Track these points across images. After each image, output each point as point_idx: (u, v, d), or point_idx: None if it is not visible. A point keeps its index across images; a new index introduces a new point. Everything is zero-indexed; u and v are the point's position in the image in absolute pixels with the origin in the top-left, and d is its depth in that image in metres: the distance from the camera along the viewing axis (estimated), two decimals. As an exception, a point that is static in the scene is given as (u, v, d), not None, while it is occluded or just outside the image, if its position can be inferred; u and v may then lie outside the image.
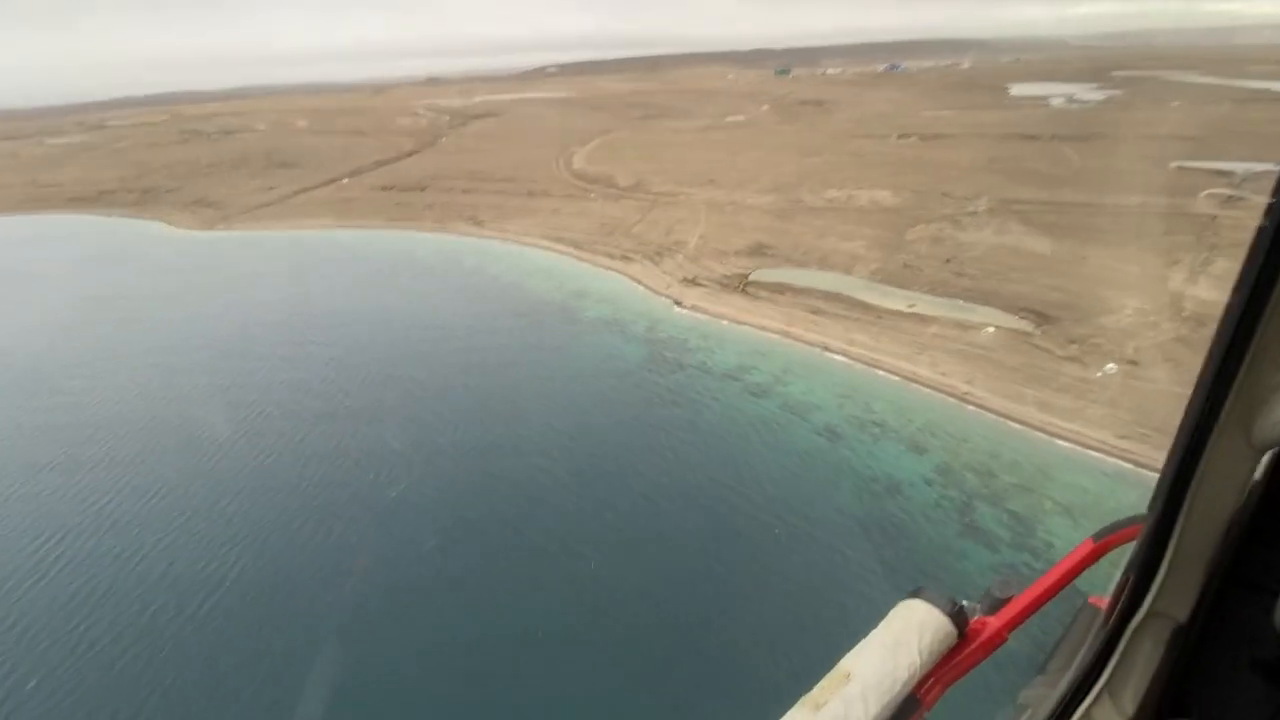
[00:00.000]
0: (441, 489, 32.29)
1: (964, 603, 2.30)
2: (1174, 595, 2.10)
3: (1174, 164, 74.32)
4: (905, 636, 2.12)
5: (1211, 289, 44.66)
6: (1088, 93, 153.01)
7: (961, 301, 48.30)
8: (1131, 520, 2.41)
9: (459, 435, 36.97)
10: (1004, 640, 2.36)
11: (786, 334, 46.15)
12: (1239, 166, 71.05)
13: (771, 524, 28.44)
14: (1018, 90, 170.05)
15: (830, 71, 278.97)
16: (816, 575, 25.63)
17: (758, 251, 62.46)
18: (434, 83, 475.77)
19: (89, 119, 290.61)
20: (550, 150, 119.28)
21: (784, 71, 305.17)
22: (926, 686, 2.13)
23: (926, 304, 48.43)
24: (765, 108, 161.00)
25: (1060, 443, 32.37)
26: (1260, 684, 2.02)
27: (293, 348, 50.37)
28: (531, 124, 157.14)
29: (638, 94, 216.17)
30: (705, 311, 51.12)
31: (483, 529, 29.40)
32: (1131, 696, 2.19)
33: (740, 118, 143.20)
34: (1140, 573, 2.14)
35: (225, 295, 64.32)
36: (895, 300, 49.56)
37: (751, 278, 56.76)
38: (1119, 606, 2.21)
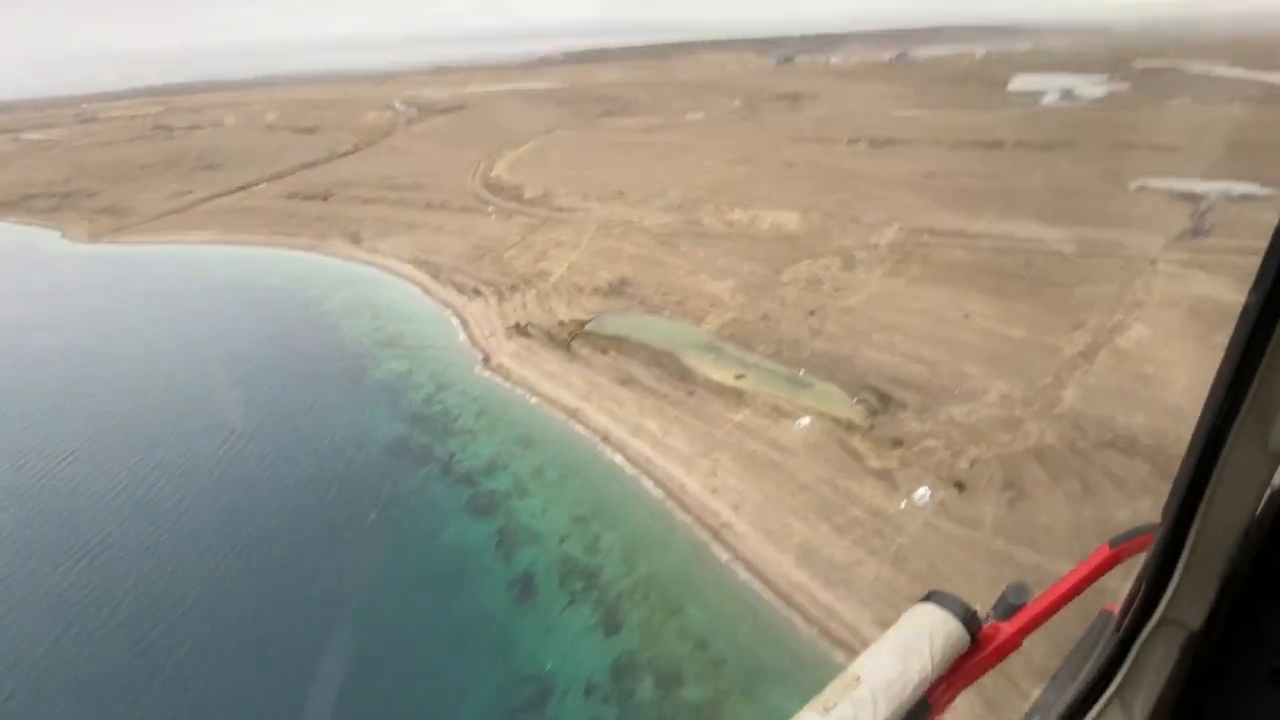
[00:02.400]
0: None
1: (977, 608, 2.20)
2: (1187, 603, 2.05)
3: (1135, 183, 63.13)
4: (917, 641, 2.04)
5: (1110, 370, 34.86)
6: (1091, 86, 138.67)
7: (801, 373, 39.20)
8: (1151, 527, 2.26)
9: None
10: (1017, 646, 2.26)
11: (574, 414, 37.74)
12: (1212, 188, 59.65)
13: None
14: (1018, 83, 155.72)
15: (833, 61, 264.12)
16: None
17: (617, 290, 53.83)
18: (440, 72, 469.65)
19: (86, 111, 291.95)
20: (481, 152, 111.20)
21: (788, 60, 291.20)
22: (938, 691, 2.05)
23: (758, 375, 39.47)
24: (737, 103, 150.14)
25: (800, 626, 23.58)
26: (1278, 695, 1.94)
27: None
28: (485, 121, 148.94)
29: (621, 86, 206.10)
30: (507, 375, 42.93)
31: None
32: (1143, 705, 2.15)
33: (700, 115, 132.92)
34: (1153, 580, 2.10)
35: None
36: (725, 367, 40.70)
37: (589, 327, 48.31)
38: (1131, 614, 2.18)
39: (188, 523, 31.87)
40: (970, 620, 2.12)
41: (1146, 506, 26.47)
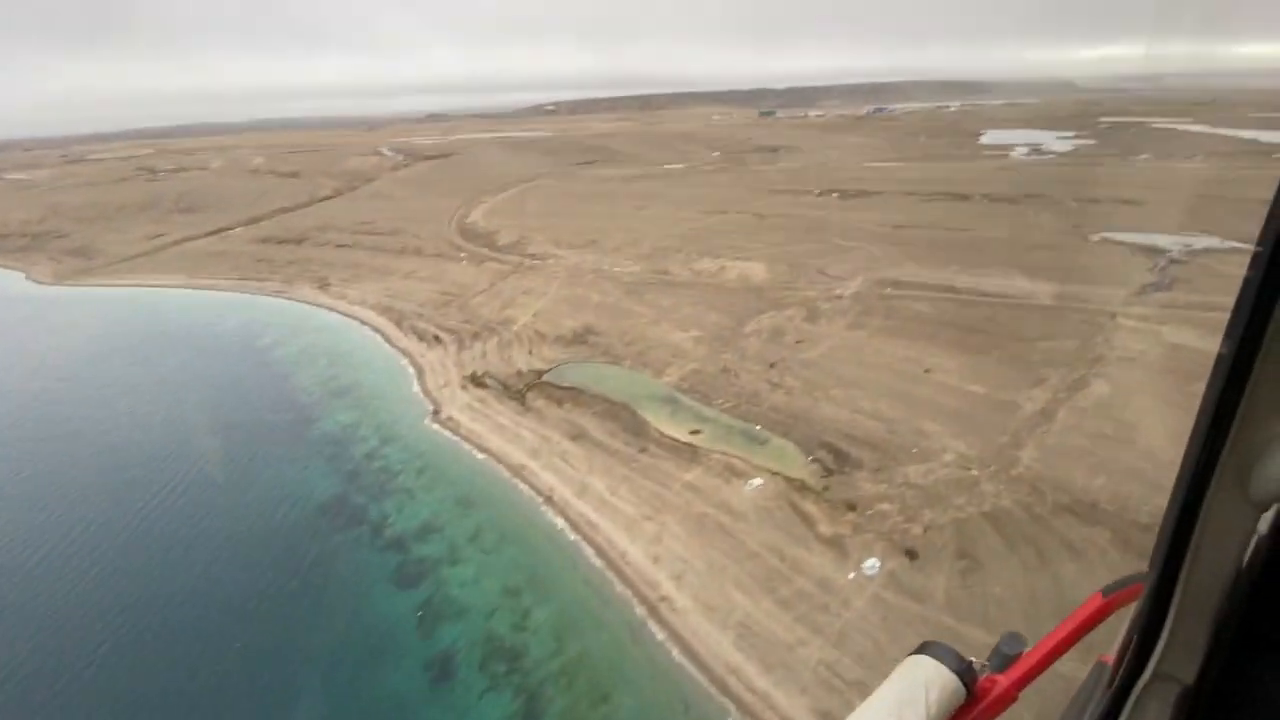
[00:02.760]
0: None
1: (972, 660, 2.15)
2: (1179, 657, 2.03)
3: (1099, 236, 63.87)
4: (912, 694, 1.99)
5: (1070, 429, 33.89)
6: (1058, 142, 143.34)
7: (758, 428, 37.93)
8: (1143, 576, 2.26)
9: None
10: (1014, 699, 2.19)
11: (520, 472, 36.06)
12: (1174, 242, 60.37)
13: None
14: (989, 137, 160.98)
15: (813, 114, 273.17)
16: None
17: (580, 338, 52.83)
18: (433, 119, 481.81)
19: (75, 152, 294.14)
20: (460, 199, 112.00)
21: (769, 113, 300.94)
22: None
23: (714, 431, 38.14)
24: (716, 154, 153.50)
25: (734, 717, 21.61)
26: None
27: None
28: (470, 168, 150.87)
29: (607, 136, 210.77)
30: (455, 429, 41.29)
31: None
32: None
33: (680, 166, 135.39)
34: (1144, 634, 2.08)
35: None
36: (681, 422, 39.38)
37: (547, 377, 47.02)
38: (1124, 668, 2.15)
39: (80, 589, 29.52)
40: (966, 672, 2.07)
41: (1104, 578, 24.98)
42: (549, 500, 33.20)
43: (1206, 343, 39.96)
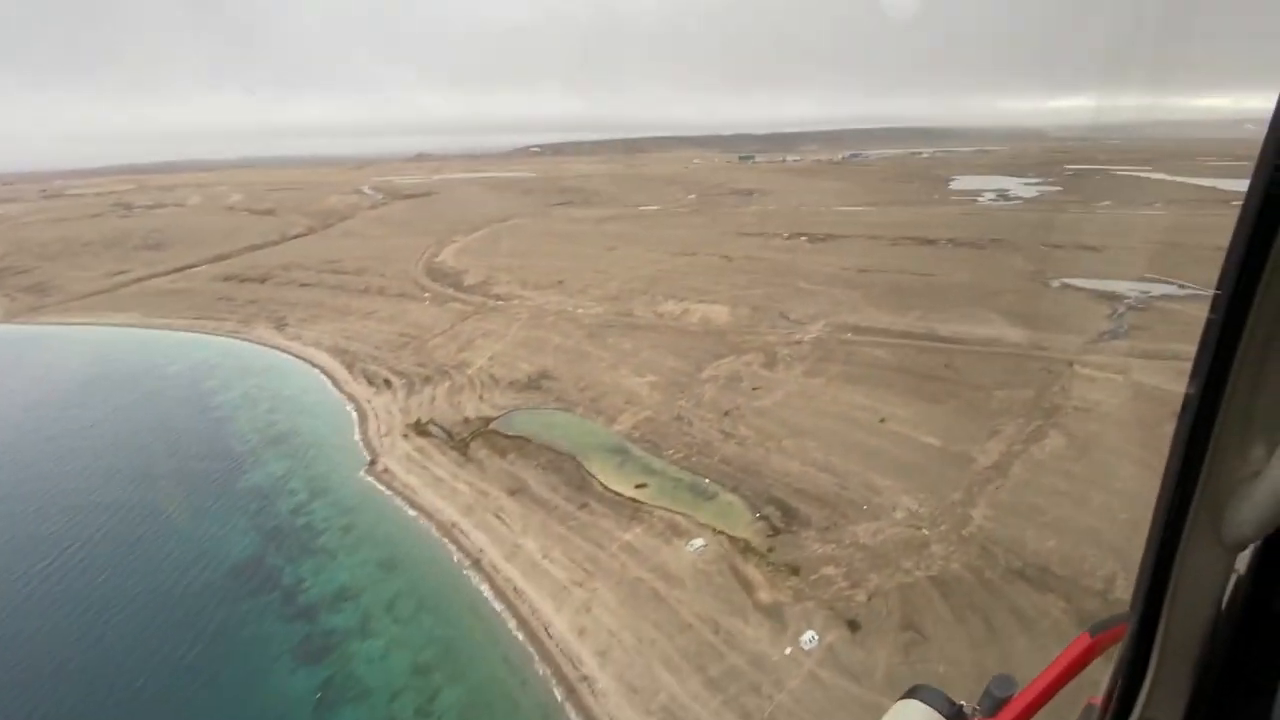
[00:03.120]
0: None
1: (962, 704, 2.21)
2: (1164, 700, 2.04)
3: (1059, 282, 64.10)
4: None
5: (1023, 485, 32.62)
6: (1024, 188, 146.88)
7: (707, 482, 36.27)
8: (1128, 616, 2.24)
9: None
10: None
11: (450, 530, 33.95)
12: (1131, 288, 60.64)
13: None
14: (959, 183, 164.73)
15: (791, 159, 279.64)
16: None
17: (535, 383, 51.21)
18: (421, 158, 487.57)
19: (55, 187, 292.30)
20: (432, 238, 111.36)
21: (748, 158, 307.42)
22: None
23: (660, 484, 36.40)
24: (692, 196, 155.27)
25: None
26: None
27: None
28: (447, 207, 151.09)
29: (588, 178, 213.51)
30: (390, 482, 39.16)
31: None
32: None
33: (654, 207, 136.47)
34: (1129, 677, 2.09)
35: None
36: (628, 475, 37.63)
37: (495, 425, 45.19)
38: (1111, 711, 2.15)
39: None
40: (956, 717, 2.08)
41: (1055, 652, 23.33)
42: (476, 563, 31.06)
43: (1163, 392, 39.31)
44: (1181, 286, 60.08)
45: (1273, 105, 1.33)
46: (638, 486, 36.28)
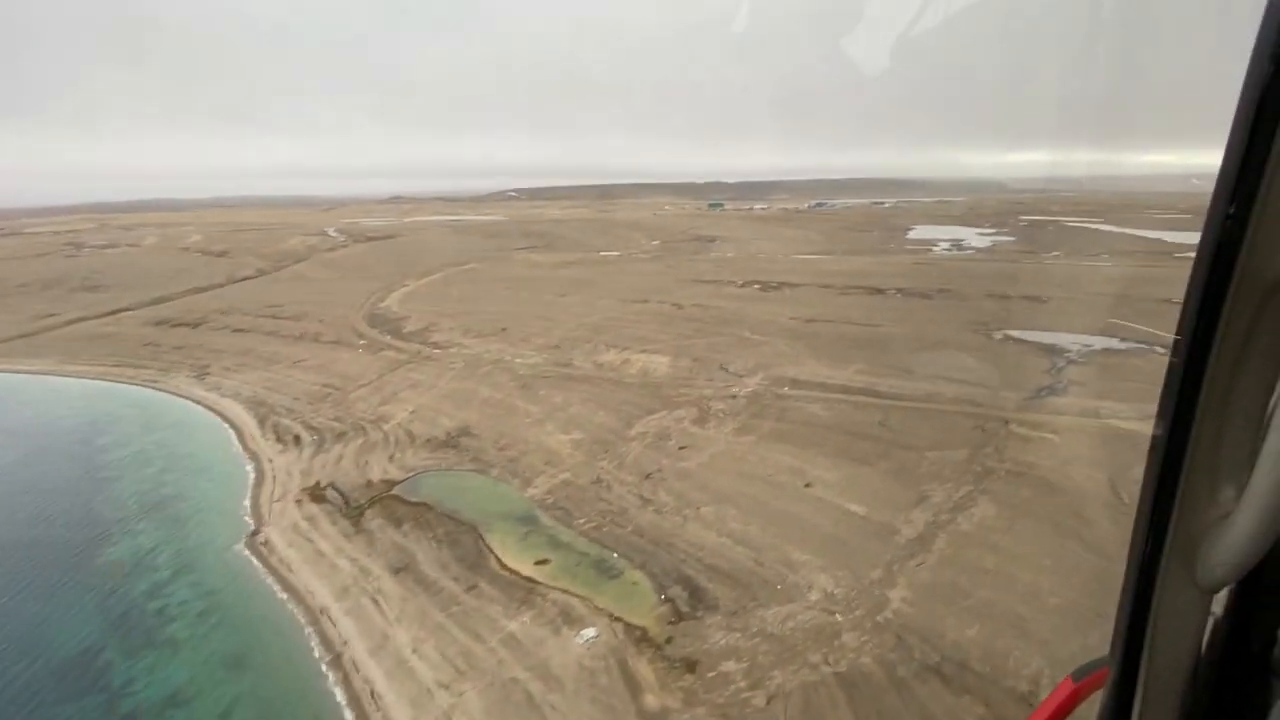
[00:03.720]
0: None
1: None
2: None
3: (1001, 334, 63.41)
4: None
5: (947, 561, 30.15)
6: (978, 238, 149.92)
7: (615, 556, 33.19)
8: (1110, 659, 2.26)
9: None
10: None
11: (318, 617, 30.25)
12: (1074, 341, 60.02)
13: None
14: (916, 233, 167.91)
15: (758, 207, 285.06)
16: None
17: (453, 441, 48.01)
18: (395, 201, 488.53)
19: (10, 226, 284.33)
20: (382, 282, 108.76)
21: (717, 205, 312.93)
22: None
23: (564, 559, 33.22)
24: (655, 242, 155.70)
25: None
26: None
27: None
28: (406, 251, 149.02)
29: (555, 222, 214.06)
30: (267, 557, 35.33)
31: None
32: None
33: (615, 253, 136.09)
34: None
35: None
36: (531, 548, 34.42)
37: (398, 489, 41.78)
38: None
39: None
40: None
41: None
42: (336, 660, 27.28)
43: (1097, 455, 37.63)
44: (1122, 340, 59.66)
45: (1218, 161, 1.41)
46: (537, 563, 33.01)
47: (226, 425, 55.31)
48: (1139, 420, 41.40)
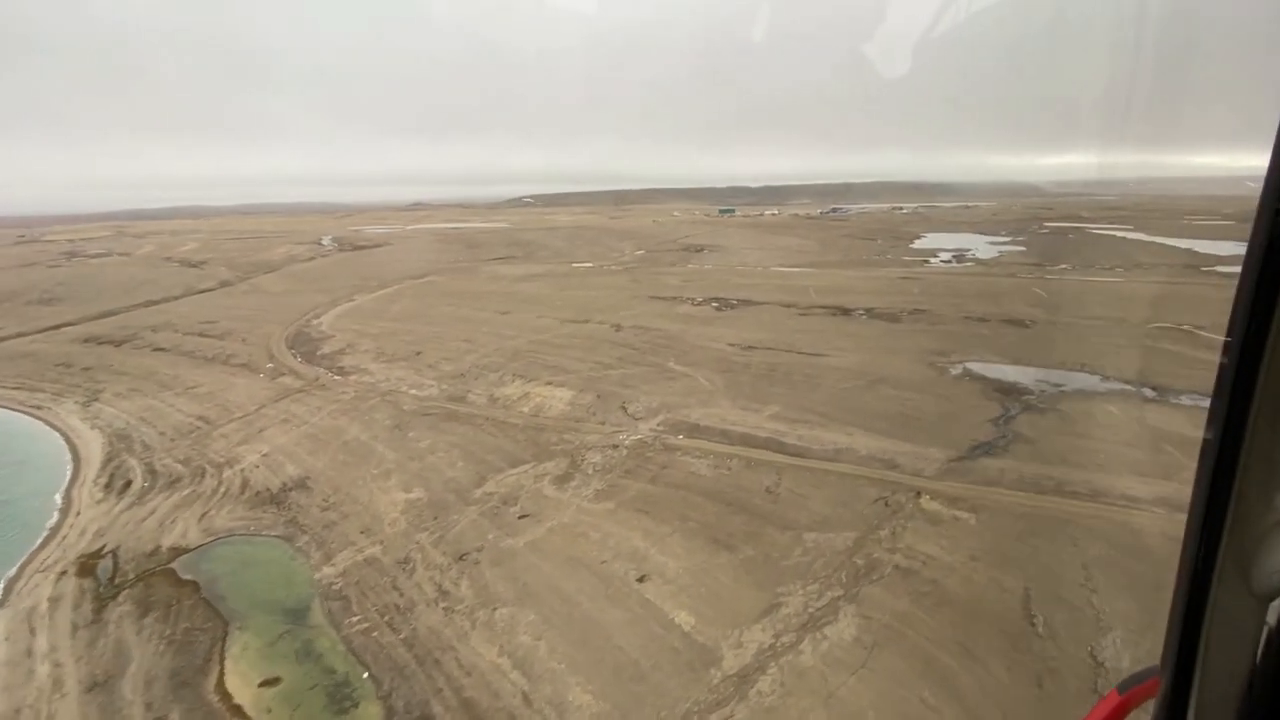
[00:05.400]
0: None
1: None
2: None
3: (960, 368, 54.36)
4: None
5: (764, 715, 22.14)
6: (987, 247, 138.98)
7: (365, 676, 26.03)
8: (1158, 669, 2.13)
9: None
10: None
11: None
12: (1040, 378, 50.80)
13: None
14: (923, 241, 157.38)
15: (769, 213, 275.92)
16: None
17: (281, 495, 41.66)
18: (414, 207, 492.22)
19: (31, 234, 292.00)
20: (331, 296, 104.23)
21: (728, 210, 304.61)
22: None
23: (299, 678, 26.19)
24: (640, 252, 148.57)
25: None
26: None
27: None
28: (383, 260, 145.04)
29: (551, 230, 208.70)
30: (-25, 649, 29.06)
31: None
32: None
33: (588, 264, 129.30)
34: None
35: None
36: (271, 657, 27.49)
37: (182, 559, 35.53)
38: None
39: None
40: None
41: None
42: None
43: (1017, 551, 29.00)
44: (1103, 379, 50.15)
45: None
46: (263, 684, 26.01)
47: (70, 464, 50.03)
48: (1089, 499, 32.53)
